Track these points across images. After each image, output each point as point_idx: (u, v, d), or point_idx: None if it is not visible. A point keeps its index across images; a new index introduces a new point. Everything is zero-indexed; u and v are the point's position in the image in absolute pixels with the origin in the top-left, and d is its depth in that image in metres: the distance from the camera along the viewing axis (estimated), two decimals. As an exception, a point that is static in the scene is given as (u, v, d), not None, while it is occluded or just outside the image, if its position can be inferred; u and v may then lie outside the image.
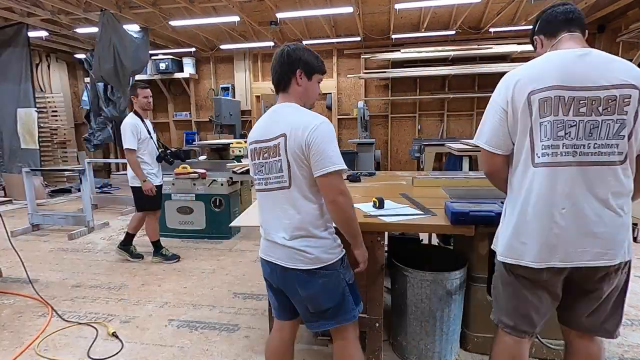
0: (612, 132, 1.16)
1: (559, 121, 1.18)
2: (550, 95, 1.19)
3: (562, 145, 1.19)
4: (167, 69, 7.97)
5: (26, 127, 6.64)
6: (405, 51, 7.27)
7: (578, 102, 1.17)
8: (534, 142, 1.23)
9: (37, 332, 2.38)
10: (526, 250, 1.26)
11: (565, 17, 1.30)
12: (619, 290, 1.33)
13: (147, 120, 3.45)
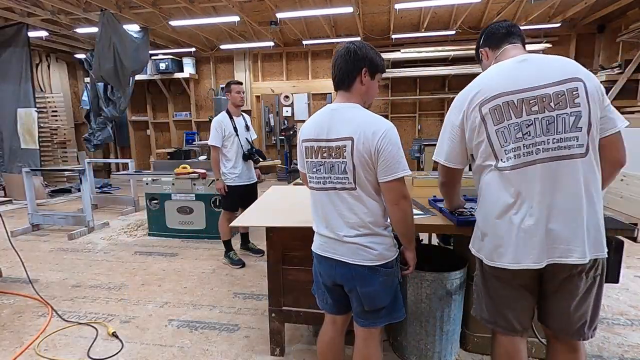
0: (569, 125, 1.19)
1: (515, 124, 1.23)
2: (499, 103, 1.24)
3: (523, 146, 1.23)
4: (167, 69, 7.98)
5: (26, 127, 6.64)
6: (405, 51, 7.27)
7: (528, 102, 1.21)
8: (495, 150, 1.28)
9: (37, 332, 2.38)
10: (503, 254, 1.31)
11: (507, 31, 1.41)
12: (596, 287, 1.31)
13: (241, 118, 3.48)
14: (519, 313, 1.37)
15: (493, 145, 1.28)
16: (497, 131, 1.25)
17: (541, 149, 1.21)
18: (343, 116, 1.37)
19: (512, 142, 1.23)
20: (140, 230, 4.67)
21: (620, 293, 2.77)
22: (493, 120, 1.26)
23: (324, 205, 1.44)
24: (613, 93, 5.70)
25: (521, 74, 1.24)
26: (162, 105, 8.98)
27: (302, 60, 8.26)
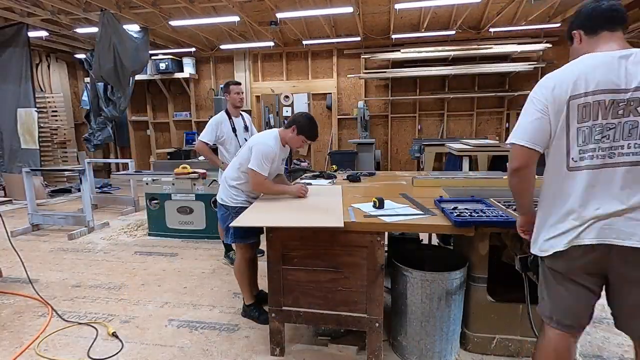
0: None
1: (598, 125, 1.20)
2: (590, 101, 1.19)
3: (599, 149, 1.20)
4: (167, 69, 7.97)
5: (26, 127, 6.64)
6: (405, 51, 7.27)
7: (617, 104, 1.18)
8: (570, 146, 1.24)
9: (37, 332, 2.38)
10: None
11: (610, 15, 1.26)
12: None
13: (240, 118, 3.40)
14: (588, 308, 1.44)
15: (570, 141, 1.23)
16: (579, 129, 1.22)
17: (616, 154, 1.19)
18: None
19: (590, 143, 1.21)
20: (140, 230, 4.67)
21: (620, 293, 2.77)
22: (579, 117, 1.21)
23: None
24: (613, 93, 5.69)
25: (619, 73, 1.18)
26: (162, 105, 8.97)
27: (302, 60, 8.26)
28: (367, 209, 2.06)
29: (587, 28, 1.30)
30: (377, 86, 8.03)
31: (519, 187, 1.39)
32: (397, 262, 1.99)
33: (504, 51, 6.88)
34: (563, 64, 1.33)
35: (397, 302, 2.05)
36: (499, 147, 5.08)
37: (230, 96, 3.34)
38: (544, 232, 1.35)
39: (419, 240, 2.86)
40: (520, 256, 1.73)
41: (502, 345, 2.03)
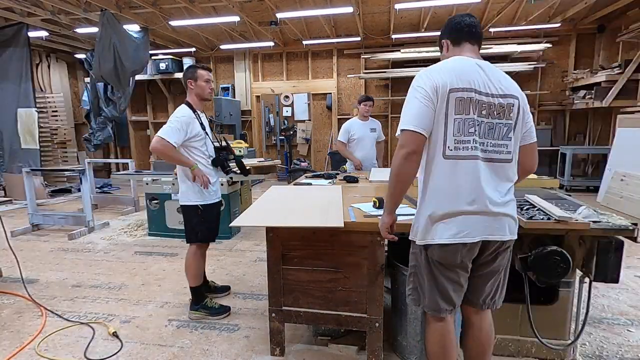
0: (502, 134, 1.39)
1: (470, 119, 1.35)
2: (464, 96, 1.34)
3: (472, 141, 1.35)
4: (167, 69, 7.98)
5: (26, 127, 6.65)
6: (405, 51, 7.28)
7: (481, 105, 1.36)
8: (446, 136, 1.36)
9: (37, 332, 2.38)
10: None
11: (469, 30, 1.48)
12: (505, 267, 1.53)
13: (204, 114, 2.61)
14: (459, 291, 1.57)
15: (447, 130, 1.36)
16: (455, 120, 1.35)
17: (481, 149, 1.36)
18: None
19: (463, 135, 1.35)
20: (140, 230, 4.67)
21: (620, 293, 2.78)
22: (455, 109, 1.34)
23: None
24: (613, 93, 5.70)
25: (481, 78, 1.37)
26: (162, 105, 8.98)
27: (302, 60, 8.26)
28: (367, 209, 2.06)
29: (454, 39, 1.50)
30: (377, 86, 8.03)
31: (408, 175, 1.39)
32: (397, 262, 1.99)
33: (504, 51, 6.88)
34: (563, 63, 1.36)
35: (397, 302, 2.05)
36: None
37: (197, 84, 2.48)
38: (427, 221, 1.43)
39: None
40: (520, 256, 1.73)
41: (502, 345, 2.03)
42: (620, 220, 1.75)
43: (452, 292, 1.46)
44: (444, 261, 1.42)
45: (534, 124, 1.51)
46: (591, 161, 7.08)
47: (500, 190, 1.40)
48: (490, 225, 1.38)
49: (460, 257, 1.41)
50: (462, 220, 1.37)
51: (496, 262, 1.47)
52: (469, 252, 1.41)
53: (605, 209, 4.56)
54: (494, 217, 1.38)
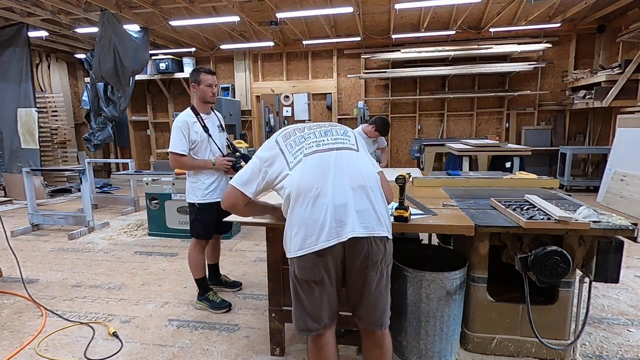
0: (340, 134, 1.54)
1: (300, 136, 1.51)
2: (289, 132, 1.54)
3: (306, 146, 1.46)
4: (167, 69, 7.97)
5: (26, 127, 6.65)
6: (405, 51, 7.27)
7: (311, 127, 1.56)
8: (287, 159, 1.47)
9: (37, 332, 2.38)
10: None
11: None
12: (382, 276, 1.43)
13: (213, 115, 2.69)
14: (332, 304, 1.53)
15: (286, 157, 1.47)
16: (287, 144, 1.49)
17: (321, 144, 1.47)
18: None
19: (298, 145, 1.48)
20: (140, 230, 4.67)
21: (620, 293, 2.78)
22: (284, 139, 1.51)
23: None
24: (613, 93, 5.70)
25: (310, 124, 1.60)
26: (162, 105, 8.97)
27: (302, 60, 8.26)
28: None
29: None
30: (377, 86, 8.03)
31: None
32: (397, 262, 1.99)
33: (504, 51, 6.88)
34: (563, 63, 1.35)
35: (397, 302, 2.05)
36: (499, 147, 5.09)
37: (200, 88, 2.52)
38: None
39: (419, 240, 2.85)
40: (520, 256, 1.73)
41: (502, 345, 2.03)
42: (620, 220, 1.75)
43: (323, 307, 1.48)
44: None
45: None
46: (591, 161, 7.08)
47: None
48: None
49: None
50: None
51: (369, 269, 1.41)
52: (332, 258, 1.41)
53: (605, 209, 4.57)
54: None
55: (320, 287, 1.38)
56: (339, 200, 1.33)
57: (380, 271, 1.39)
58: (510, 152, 4.94)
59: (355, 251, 1.33)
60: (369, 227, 1.32)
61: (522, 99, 7.37)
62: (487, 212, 2.02)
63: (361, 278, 1.38)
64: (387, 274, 1.43)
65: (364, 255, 1.33)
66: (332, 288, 1.40)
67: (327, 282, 1.37)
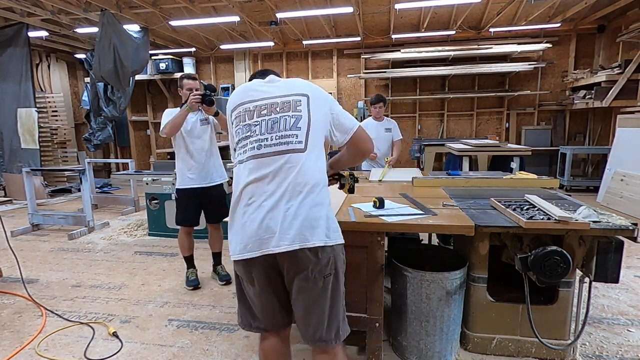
0: (290, 125, 1.35)
1: (246, 125, 1.39)
2: (241, 110, 1.43)
3: (249, 143, 1.37)
4: (167, 69, 7.97)
5: (26, 127, 6.65)
6: (405, 51, 7.27)
7: (260, 107, 1.39)
8: (236, 146, 1.44)
9: (37, 332, 2.38)
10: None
11: (261, 71, 1.61)
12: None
13: (199, 112, 2.88)
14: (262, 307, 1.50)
15: (235, 142, 1.44)
16: (236, 131, 1.43)
17: (263, 145, 1.34)
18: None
19: (242, 140, 1.40)
20: (140, 230, 4.67)
21: (620, 293, 2.78)
22: (235, 122, 1.44)
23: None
24: (613, 93, 5.70)
25: (263, 89, 1.44)
26: (162, 105, 8.96)
27: (302, 60, 8.26)
28: (367, 208, 2.06)
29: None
30: (377, 86, 8.03)
31: None
32: (397, 262, 1.99)
33: (504, 51, 6.87)
34: (563, 63, 1.34)
35: (397, 302, 2.05)
36: (499, 147, 5.08)
37: (183, 92, 2.86)
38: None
39: (419, 240, 2.86)
40: (520, 256, 1.73)
41: (502, 345, 2.03)
42: (620, 220, 1.75)
43: (260, 311, 1.46)
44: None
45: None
46: (591, 161, 7.08)
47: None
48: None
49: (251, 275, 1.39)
50: None
51: (300, 279, 1.31)
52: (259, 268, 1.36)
53: (605, 209, 4.56)
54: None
55: (255, 289, 1.37)
56: (270, 211, 1.27)
57: (314, 281, 1.28)
58: (510, 152, 4.93)
59: (281, 261, 1.28)
60: (296, 239, 1.23)
61: (522, 99, 7.37)
62: (487, 212, 2.02)
63: (293, 287, 1.32)
64: (324, 284, 1.30)
65: (290, 265, 1.28)
66: (267, 294, 1.36)
67: (261, 288, 1.35)
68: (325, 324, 1.32)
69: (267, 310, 1.39)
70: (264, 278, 1.33)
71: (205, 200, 2.95)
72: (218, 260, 3.19)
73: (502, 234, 1.91)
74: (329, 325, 1.32)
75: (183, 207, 2.93)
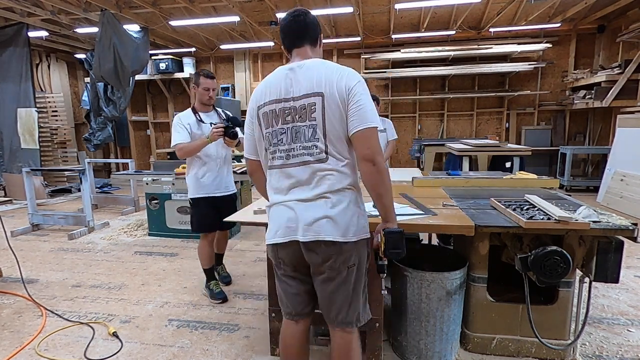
0: (308, 136, 1.35)
1: (275, 132, 1.39)
2: (267, 110, 1.39)
3: (278, 151, 1.40)
4: (167, 69, 7.97)
5: (26, 127, 6.65)
6: (405, 51, 7.27)
7: (284, 112, 1.37)
8: (266, 150, 1.44)
9: (37, 332, 2.38)
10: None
11: (291, 34, 1.43)
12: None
13: (212, 113, 2.79)
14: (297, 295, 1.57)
15: (265, 145, 1.44)
16: (265, 135, 1.42)
17: (291, 155, 1.38)
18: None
19: (272, 146, 1.41)
20: (140, 230, 4.67)
21: (620, 293, 2.78)
22: (264, 123, 1.42)
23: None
24: (613, 93, 5.70)
25: (285, 84, 1.36)
26: (162, 105, 8.97)
27: (302, 60, 8.26)
28: (367, 208, 2.05)
29: (285, 47, 1.47)
30: (377, 86, 8.03)
31: (257, 185, 1.63)
32: (397, 262, 1.99)
33: (504, 51, 6.88)
34: (563, 63, 1.34)
35: (397, 302, 2.05)
36: (499, 147, 5.09)
37: (198, 90, 2.68)
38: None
39: (419, 240, 2.86)
40: (520, 256, 1.73)
41: (502, 345, 2.03)
42: (620, 220, 1.75)
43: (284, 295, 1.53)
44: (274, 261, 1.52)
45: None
46: (591, 161, 7.08)
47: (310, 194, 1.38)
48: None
49: (278, 258, 1.48)
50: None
51: (325, 268, 1.39)
52: (287, 253, 1.44)
53: (605, 209, 4.56)
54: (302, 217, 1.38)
55: (283, 275, 1.51)
56: (296, 208, 1.38)
57: (338, 271, 1.39)
58: (510, 152, 4.94)
59: (307, 250, 1.39)
60: (318, 231, 1.34)
61: (522, 99, 7.37)
62: (487, 212, 2.02)
63: (317, 275, 1.44)
64: (347, 274, 1.40)
65: (315, 255, 1.38)
66: (293, 281, 1.49)
67: (287, 273, 1.49)
68: (348, 308, 1.44)
69: (296, 297, 1.52)
70: (289, 262, 1.47)
71: (220, 207, 2.76)
72: (220, 260, 3.15)
73: (502, 234, 1.91)
74: (350, 309, 1.44)
75: (202, 213, 2.75)
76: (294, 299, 1.51)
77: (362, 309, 1.48)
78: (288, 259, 1.45)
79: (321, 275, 1.42)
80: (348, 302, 1.43)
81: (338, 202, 1.36)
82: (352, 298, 1.43)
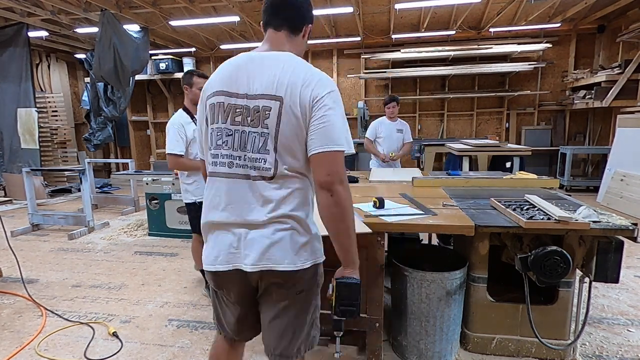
0: (258, 146, 1.10)
1: (219, 129, 1.13)
2: (214, 102, 1.13)
3: (220, 155, 1.14)
4: (167, 69, 7.97)
5: (26, 127, 6.65)
6: (405, 51, 7.27)
7: (235, 110, 1.11)
8: (209, 149, 1.18)
9: (37, 332, 2.38)
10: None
11: (270, 7, 1.20)
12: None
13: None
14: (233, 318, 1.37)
15: (209, 144, 1.18)
16: (210, 132, 1.16)
17: (234, 164, 1.13)
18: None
19: (214, 148, 1.15)
20: (140, 230, 4.67)
21: (620, 293, 2.78)
22: (210, 118, 1.16)
23: None
24: (613, 93, 5.70)
25: (242, 75, 1.12)
26: (162, 105, 8.97)
27: (302, 60, 8.26)
28: (367, 209, 2.06)
29: (264, 24, 1.23)
30: (377, 86, 8.03)
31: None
32: (397, 262, 1.99)
33: (504, 51, 6.87)
34: (563, 63, 1.33)
35: (397, 302, 2.05)
36: (499, 147, 5.09)
37: (192, 90, 2.62)
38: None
39: (419, 240, 2.86)
40: (520, 256, 1.73)
41: (502, 345, 2.03)
42: (620, 220, 1.75)
43: (224, 320, 1.33)
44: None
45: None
46: (591, 161, 7.08)
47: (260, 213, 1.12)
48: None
49: (220, 287, 1.24)
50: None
51: (271, 292, 1.19)
52: (230, 281, 1.20)
53: (605, 209, 4.56)
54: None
55: (225, 300, 1.29)
56: (238, 233, 1.15)
57: (285, 296, 1.19)
58: (510, 152, 4.94)
59: (253, 279, 1.19)
60: (267, 260, 1.12)
61: (522, 99, 7.37)
62: (487, 212, 2.02)
63: (260, 298, 1.25)
64: (295, 301, 1.20)
65: (262, 282, 1.19)
66: (237, 307, 1.27)
67: (231, 300, 1.27)
68: (291, 338, 1.23)
69: (232, 317, 1.33)
70: (231, 288, 1.25)
71: None
72: None
73: (502, 234, 1.91)
74: (293, 340, 1.23)
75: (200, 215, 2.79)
76: (236, 326, 1.31)
77: (304, 339, 1.26)
78: (232, 287, 1.22)
79: (264, 298, 1.22)
80: (291, 330, 1.22)
81: (287, 227, 1.12)
82: (294, 326, 1.22)
